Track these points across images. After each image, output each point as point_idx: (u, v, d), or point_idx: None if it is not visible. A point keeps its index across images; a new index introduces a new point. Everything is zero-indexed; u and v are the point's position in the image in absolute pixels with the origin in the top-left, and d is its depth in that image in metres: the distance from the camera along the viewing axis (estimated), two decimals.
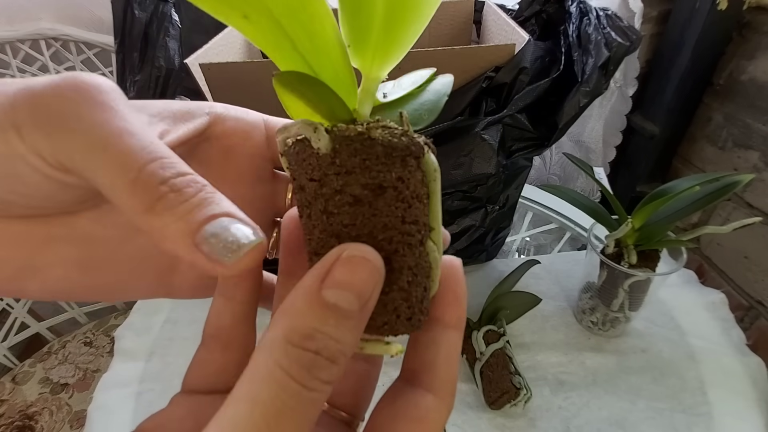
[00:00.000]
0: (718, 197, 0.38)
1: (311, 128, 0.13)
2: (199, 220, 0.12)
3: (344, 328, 0.11)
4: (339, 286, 0.11)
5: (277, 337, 0.11)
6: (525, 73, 0.42)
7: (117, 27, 0.44)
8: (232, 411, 0.10)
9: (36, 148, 0.12)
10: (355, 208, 0.13)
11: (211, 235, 0.11)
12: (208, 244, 0.11)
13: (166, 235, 0.12)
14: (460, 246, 0.53)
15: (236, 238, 0.12)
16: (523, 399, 0.41)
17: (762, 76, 0.77)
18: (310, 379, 0.11)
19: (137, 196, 0.12)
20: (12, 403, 0.77)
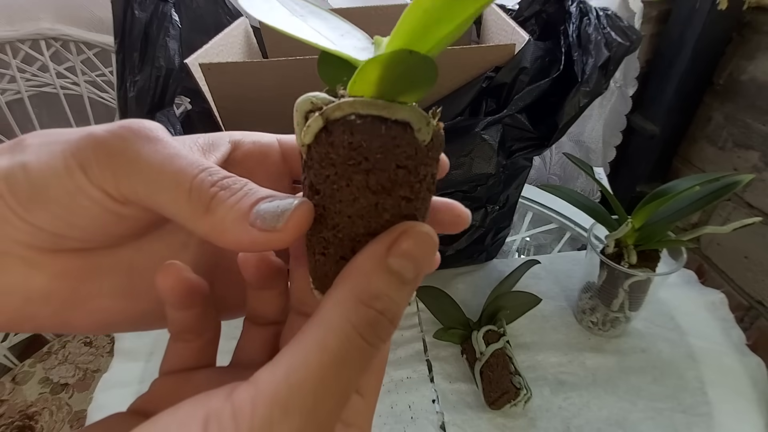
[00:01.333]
0: (718, 197, 0.38)
1: (425, 119, 0.14)
2: (249, 204, 0.13)
3: (403, 292, 0.13)
4: (404, 256, 0.13)
5: (347, 296, 0.12)
6: (525, 73, 0.42)
7: (117, 27, 0.44)
8: (302, 353, 0.12)
9: (101, 184, 0.13)
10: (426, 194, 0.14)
11: (264, 211, 0.13)
12: (264, 219, 0.13)
13: (224, 227, 0.13)
14: (460, 246, 0.53)
15: (283, 207, 0.13)
16: (523, 399, 0.41)
17: (762, 76, 0.77)
18: (373, 335, 0.12)
19: (194, 203, 0.13)
20: (12, 403, 0.77)
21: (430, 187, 0.14)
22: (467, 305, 0.50)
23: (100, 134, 0.14)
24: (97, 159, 0.13)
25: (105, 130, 0.14)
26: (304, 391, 0.11)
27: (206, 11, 0.54)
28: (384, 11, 0.57)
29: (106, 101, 0.87)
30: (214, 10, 0.56)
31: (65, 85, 0.84)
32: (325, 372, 0.12)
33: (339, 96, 0.14)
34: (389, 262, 0.13)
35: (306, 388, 0.11)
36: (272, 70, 0.43)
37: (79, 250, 0.15)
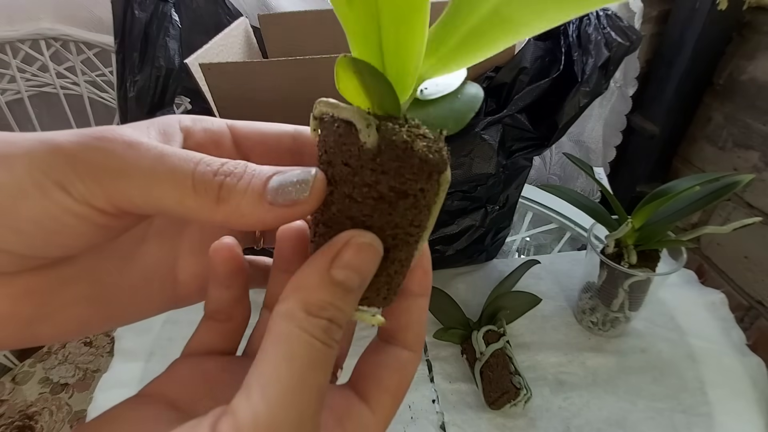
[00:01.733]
0: (718, 197, 0.38)
1: (365, 121, 0.14)
2: (261, 184, 0.13)
3: (348, 300, 0.14)
4: (346, 267, 0.13)
5: (295, 309, 0.13)
6: (525, 73, 0.42)
7: (117, 27, 0.44)
8: (271, 369, 0.12)
9: (88, 200, 0.13)
10: (377, 203, 0.14)
11: (278, 187, 0.13)
12: (282, 194, 0.13)
13: (242, 212, 0.13)
14: (460, 246, 0.53)
15: (300, 179, 0.14)
16: (523, 399, 0.41)
17: (762, 76, 0.77)
18: (328, 339, 0.13)
19: (202, 196, 0.13)
20: (12, 403, 0.77)
21: (390, 200, 0.14)
22: (467, 305, 0.50)
23: (70, 147, 0.13)
24: (78, 174, 0.13)
25: (74, 142, 0.13)
26: (284, 403, 0.12)
27: (206, 11, 0.54)
28: None
29: (106, 101, 0.87)
30: (214, 10, 0.56)
31: (65, 85, 0.84)
32: (297, 380, 0.12)
33: None
34: (332, 273, 0.13)
35: (285, 400, 0.12)
36: (272, 70, 0.43)
37: (43, 266, 0.15)
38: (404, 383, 0.17)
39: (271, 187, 0.13)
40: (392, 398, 0.16)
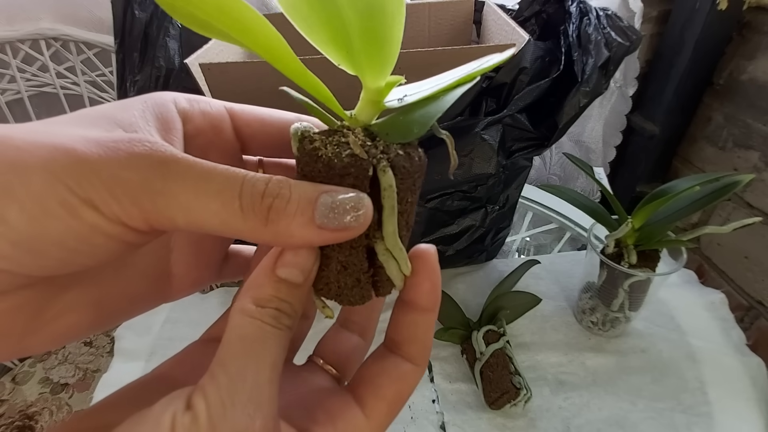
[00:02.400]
0: (718, 197, 0.38)
1: (297, 135, 0.16)
2: (311, 208, 0.13)
3: (293, 293, 0.15)
4: (287, 265, 0.14)
5: (246, 304, 0.14)
6: (525, 73, 0.42)
7: (117, 27, 0.44)
8: (225, 349, 0.13)
9: (120, 218, 0.12)
10: None
11: (329, 211, 0.14)
12: (333, 219, 0.14)
13: (291, 234, 0.13)
14: (460, 246, 0.53)
15: (353, 205, 0.14)
16: (523, 399, 0.41)
17: (762, 76, 0.77)
18: (278, 323, 0.14)
19: (251, 220, 0.13)
20: (12, 403, 0.77)
21: None
22: (467, 305, 0.50)
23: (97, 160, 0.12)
24: (112, 193, 0.12)
25: (101, 155, 0.12)
26: (241, 373, 0.13)
27: None
28: None
29: (106, 101, 0.87)
30: None
31: (65, 85, 0.84)
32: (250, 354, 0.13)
33: None
34: (277, 272, 0.14)
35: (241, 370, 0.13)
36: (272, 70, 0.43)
37: (42, 279, 0.14)
38: (403, 394, 0.17)
39: (321, 211, 0.13)
40: (389, 407, 0.17)
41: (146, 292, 0.18)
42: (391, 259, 0.16)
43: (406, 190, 0.16)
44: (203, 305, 0.54)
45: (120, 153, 0.12)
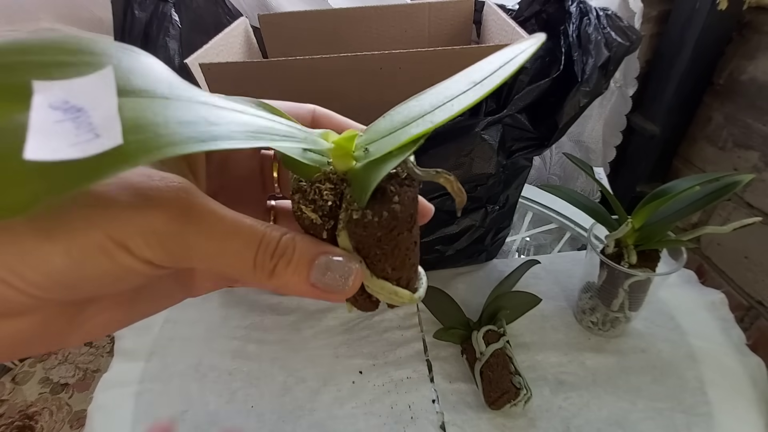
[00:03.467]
0: (718, 197, 0.38)
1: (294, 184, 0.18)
2: (306, 270, 0.16)
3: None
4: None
5: None
6: (525, 73, 0.42)
7: (117, 27, 0.44)
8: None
9: (149, 259, 0.14)
10: None
11: (323, 276, 0.16)
12: (325, 281, 0.16)
13: (288, 287, 0.16)
14: (460, 246, 0.53)
15: (343, 274, 0.16)
16: (523, 399, 0.41)
17: (762, 76, 0.77)
18: None
19: (259, 273, 0.15)
20: (12, 403, 0.77)
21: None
22: (467, 305, 0.50)
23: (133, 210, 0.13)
24: (146, 242, 0.13)
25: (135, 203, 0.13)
26: None
27: (206, 11, 0.54)
28: (384, 11, 0.57)
29: None
30: (214, 10, 0.56)
31: None
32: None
33: None
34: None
35: None
36: (272, 70, 0.43)
37: None
38: None
39: (314, 275, 0.16)
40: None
41: (171, 290, 0.19)
42: (377, 293, 0.18)
43: (372, 246, 0.16)
44: (203, 305, 0.54)
45: (152, 202, 0.14)
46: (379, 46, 0.59)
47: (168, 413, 0.44)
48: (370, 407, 0.44)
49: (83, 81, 0.11)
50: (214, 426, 0.43)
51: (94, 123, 0.11)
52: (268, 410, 0.44)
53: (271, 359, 0.49)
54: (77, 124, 0.11)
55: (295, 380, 0.47)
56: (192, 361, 0.49)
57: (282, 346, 0.50)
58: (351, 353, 0.49)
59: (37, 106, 0.11)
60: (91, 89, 0.11)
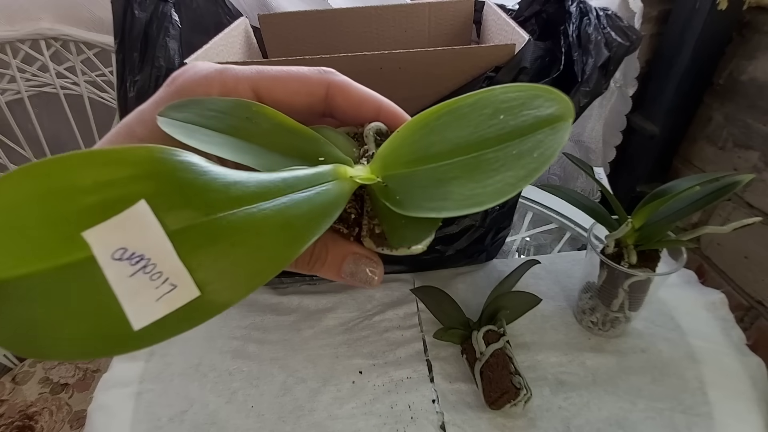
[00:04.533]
0: (718, 197, 0.38)
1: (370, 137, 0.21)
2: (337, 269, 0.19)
3: None
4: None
5: None
6: (525, 73, 0.42)
7: (117, 27, 0.44)
8: None
9: None
10: None
11: (352, 273, 0.19)
12: (354, 277, 0.19)
13: (323, 274, 0.19)
14: (460, 246, 0.53)
15: (368, 275, 0.19)
16: (523, 399, 0.41)
17: (762, 76, 0.77)
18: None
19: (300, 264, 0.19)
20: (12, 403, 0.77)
21: None
22: (467, 305, 0.50)
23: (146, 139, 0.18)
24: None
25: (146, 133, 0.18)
26: None
27: (206, 11, 0.54)
28: (384, 11, 0.57)
29: (106, 101, 0.87)
30: (214, 10, 0.56)
31: (65, 85, 0.84)
32: None
33: None
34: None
35: None
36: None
37: None
38: None
39: (345, 271, 0.19)
40: None
41: None
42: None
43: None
44: None
45: None
46: (379, 46, 0.59)
47: (168, 413, 0.44)
48: (370, 407, 0.44)
49: (122, 219, 0.12)
50: (214, 426, 0.43)
51: (164, 272, 0.12)
52: (268, 410, 0.44)
53: (271, 359, 0.49)
54: (149, 275, 0.12)
55: (295, 380, 0.47)
56: (192, 361, 0.49)
57: (282, 346, 0.50)
58: (351, 353, 0.49)
59: (105, 264, 0.12)
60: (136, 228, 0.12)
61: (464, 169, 0.16)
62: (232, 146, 0.16)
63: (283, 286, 0.58)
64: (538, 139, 0.15)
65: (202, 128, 0.16)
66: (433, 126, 0.17)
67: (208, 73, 0.19)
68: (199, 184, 0.13)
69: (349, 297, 0.55)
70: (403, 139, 0.18)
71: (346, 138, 0.21)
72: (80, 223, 0.12)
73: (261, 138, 0.17)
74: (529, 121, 0.15)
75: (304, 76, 0.19)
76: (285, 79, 0.19)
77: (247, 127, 0.17)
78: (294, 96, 0.19)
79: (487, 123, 0.16)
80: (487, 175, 0.15)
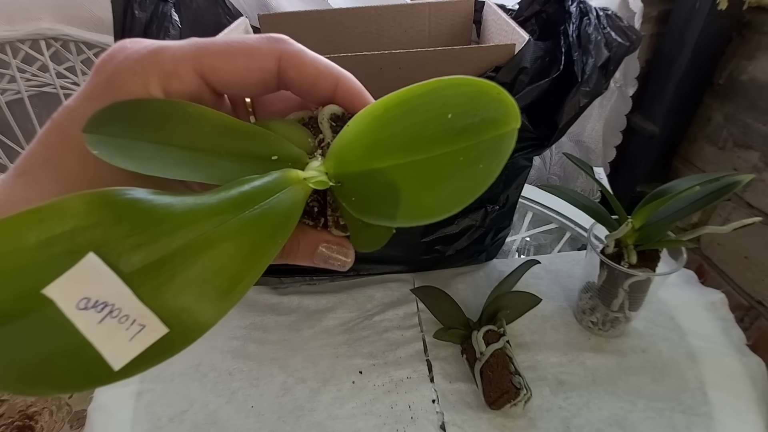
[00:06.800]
0: (718, 197, 0.38)
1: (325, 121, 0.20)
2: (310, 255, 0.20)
3: None
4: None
5: None
6: (525, 73, 0.42)
7: (117, 27, 0.44)
8: None
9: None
10: None
11: (325, 259, 0.20)
12: (326, 262, 0.20)
13: (296, 260, 0.20)
14: (460, 246, 0.53)
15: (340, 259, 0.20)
16: (523, 399, 0.41)
17: (762, 76, 0.77)
18: None
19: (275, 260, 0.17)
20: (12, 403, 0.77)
21: None
22: (467, 305, 0.50)
23: None
24: None
25: None
26: None
27: (206, 11, 0.54)
28: (384, 11, 0.57)
29: None
30: (214, 10, 0.56)
31: (65, 85, 0.84)
32: None
33: None
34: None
35: None
36: None
37: None
38: None
39: (318, 259, 0.20)
40: None
41: None
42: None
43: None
44: None
45: None
46: (379, 46, 0.59)
47: (168, 413, 0.44)
48: (370, 407, 0.44)
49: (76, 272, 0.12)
50: (214, 426, 0.43)
51: (131, 315, 0.12)
52: (268, 410, 0.44)
53: (271, 359, 0.49)
54: (117, 318, 0.12)
55: (295, 380, 0.47)
56: (192, 361, 0.49)
57: (282, 346, 0.50)
58: (351, 353, 0.49)
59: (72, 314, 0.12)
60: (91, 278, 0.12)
61: (415, 170, 0.15)
62: (176, 161, 0.15)
63: (283, 286, 0.58)
64: (484, 147, 0.15)
65: (138, 142, 0.15)
66: (384, 119, 0.16)
67: (140, 56, 0.16)
68: (146, 221, 0.13)
69: (349, 297, 0.55)
70: (355, 133, 0.17)
71: (298, 128, 0.19)
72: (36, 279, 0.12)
73: (206, 143, 0.16)
74: (476, 123, 0.15)
75: (253, 47, 0.17)
76: (231, 54, 0.16)
77: (188, 132, 0.16)
78: (244, 73, 0.17)
79: (436, 121, 0.15)
80: (438, 181, 0.15)
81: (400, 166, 0.16)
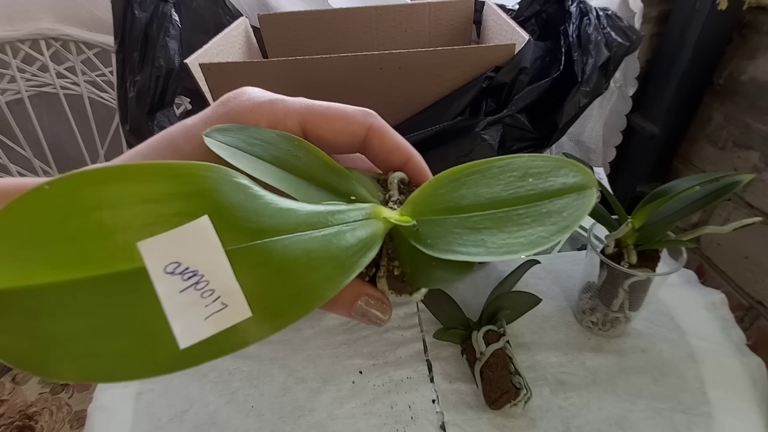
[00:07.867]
0: (718, 197, 0.38)
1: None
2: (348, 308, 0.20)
3: None
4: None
5: None
6: (525, 73, 0.42)
7: (117, 27, 0.44)
8: None
9: None
10: None
11: (363, 314, 0.20)
12: (364, 317, 0.20)
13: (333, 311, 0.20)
14: None
15: (377, 316, 0.20)
16: (523, 399, 0.41)
17: (762, 76, 0.77)
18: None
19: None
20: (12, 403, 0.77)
21: None
22: (467, 305, 0.50)
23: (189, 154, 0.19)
24: None
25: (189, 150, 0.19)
26: None
27: (206, 11, 0.54)
28: (384, 11, 0.57)
29: (106, 101, 0.87)
30: (214, 10, 0.56)
31: (65, 85, 0.84)
32: None
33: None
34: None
35: None
36: (272, 70, 0.43)
37: None
38: None
39: (357, 310, 0.19)
40: None
41: None
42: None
43: None
44: None
45: None
46: (379, 46, 0.59)
47: (168, 413, 0.44)
48: (370, 407, 0.44)
49: (182, 232, 0.12)
50: (214, 426, 0.43)
51: (217, 290, 0.12)
52: (268, 410, 0.44)
53: (271, 359, 0.49)
54: (201, 291, 0.12)
55: (295, 380, 0.47)
56: None
57: (282, 346, 0.50)
58: (351, 353, 0.49)
59: (156, 276, 0.11)
60: (194, 243, 0.12)
61: (495, 221, 0.16)
62: (275, 174, 0.17)
63: None
64: (566, 202, 0.16)
65: (247, 154, 0.17)
66: (464, 181, 0.18)
67: (260, 101, 0.20)
68: (254, 207, 0.13)
69: None
70: (434, 189, 0.19)
71: (373, 181, 0.22)
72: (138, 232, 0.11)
73: (300, 171, 0.18)
74: (556, 186, 0.16)
75: (350, 115, 0.20)
76: (331, 117, 0.20)
77: (289, 159, 0.18)
78: (337, 134, 0.20)
79: (516, 183, 0.17)
80: (518, 228, 0.16)
81: (481, 216, 0.17)
